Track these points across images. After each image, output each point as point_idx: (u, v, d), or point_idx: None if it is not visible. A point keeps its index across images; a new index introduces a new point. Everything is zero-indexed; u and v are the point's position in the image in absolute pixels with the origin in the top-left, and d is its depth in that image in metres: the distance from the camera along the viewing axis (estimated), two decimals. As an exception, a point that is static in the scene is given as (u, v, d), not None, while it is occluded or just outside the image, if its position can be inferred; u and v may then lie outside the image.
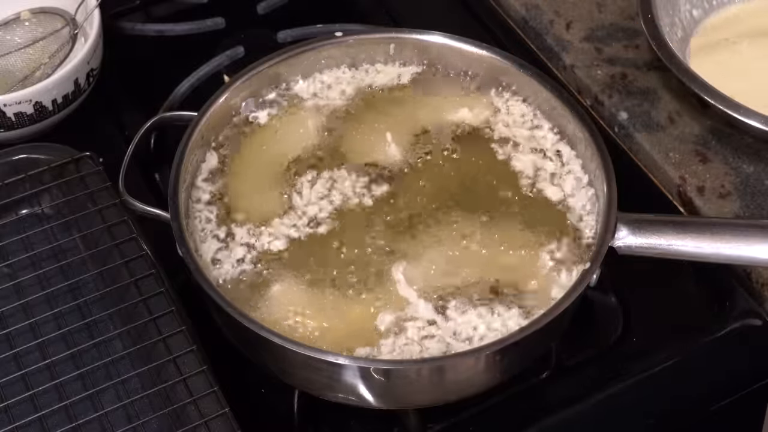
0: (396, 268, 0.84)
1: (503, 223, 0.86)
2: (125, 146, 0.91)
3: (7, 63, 1.03)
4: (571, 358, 0.88)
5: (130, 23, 1.13)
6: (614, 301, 0.91)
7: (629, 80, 1.05)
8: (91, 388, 0.79)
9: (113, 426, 0.77)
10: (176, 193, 0.84)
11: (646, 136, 1.00)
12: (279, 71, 0.95)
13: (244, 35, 1.12)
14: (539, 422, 0.84)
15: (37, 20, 1.05)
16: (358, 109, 0.95)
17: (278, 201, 0.89)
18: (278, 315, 0.81)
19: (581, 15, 1.11)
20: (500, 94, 0.95)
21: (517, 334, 0.77)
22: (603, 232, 0.82)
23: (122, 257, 0.85)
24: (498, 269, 0.84)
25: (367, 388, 0.78)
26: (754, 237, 0.82)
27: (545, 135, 0.92)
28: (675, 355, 0.87)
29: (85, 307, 0.84)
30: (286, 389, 0.85)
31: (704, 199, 0.95)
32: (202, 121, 0.90)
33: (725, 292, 0.92)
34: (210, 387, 0.77)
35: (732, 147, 0.99)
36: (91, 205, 0.88)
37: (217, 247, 0.85)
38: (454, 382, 0.80)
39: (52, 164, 0.90)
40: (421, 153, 0.92)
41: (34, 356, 0.81)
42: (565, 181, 0.89)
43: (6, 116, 0.96)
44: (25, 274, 0.85)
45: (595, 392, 0.85)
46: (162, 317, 0.81)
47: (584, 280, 0.80)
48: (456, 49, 0.96)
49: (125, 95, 1.09)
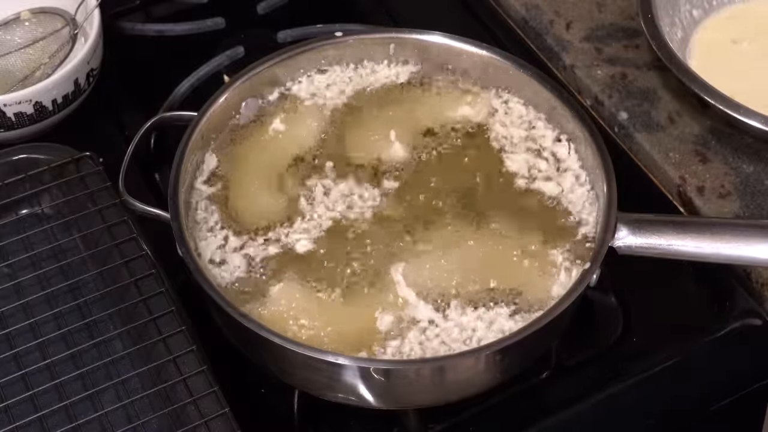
0: (395, 269, 0.84)
1: (503, 223, 0.86)
2: (125, 146, 0.91)
3: (7, 63, 1.03)
4: (571, 358, 0.88)
5: (130, 23, 1.13)
6: (614, 301, 0.91)
7: (629, 80, 1.05)
8: (91, 388, 0.79)
9: (113, 426, 0.77)
10: (176, 193, 0.84)
11: (646, 136, 1.00)
12: (279, 71, 0.95)
13: (244, 35, 1.12)
14: (539, 422, 0.84)
15: (37, 20, 1.05)
16: (357, 109, 0.95)
17: (278, 201, 0.89)
18: (278, 315, 0.81)
19: (581, 15, 1.11)
20: (500, 94, 0.95)
21: (517, 334, 0.77)
22: (603, 232, 0.82)
23: (122, 257, 0.85)
24: (498, 269, 0.84)
25: (367, 388, 0.78)
26: (754, 237, 0.82)
27: (545, 135, 0.92)
28: (675, 355, 0.87)
29: (85, 307, 0.84)
30: (286, 389, 0.85)
31: (704, 199, 0.95)
32: (202, 121, 0.90)
33: (725, 292, 0.92)
34: (210, 387, 0.77)
35: (732, 147, 0.99)
36: (91, 205, 0.88)
37: (217, 247, 0.85)
38: (454, 382, 0.80)
39: (52, 164, 0.90)
40: (420, 154, 0.92)
41: (34, 356, 0.81)
42: (564, 181, 0.89)
43: (6, 116, 0.96)
44: (25, 274, 0.85)
45: (595, 392, 0.85)
46: (162, 317, 0.81)
47: (584, 280, 0.80)
48: (456, 49, 0.96)
49: (125, 95, 1.09)
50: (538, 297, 0.82)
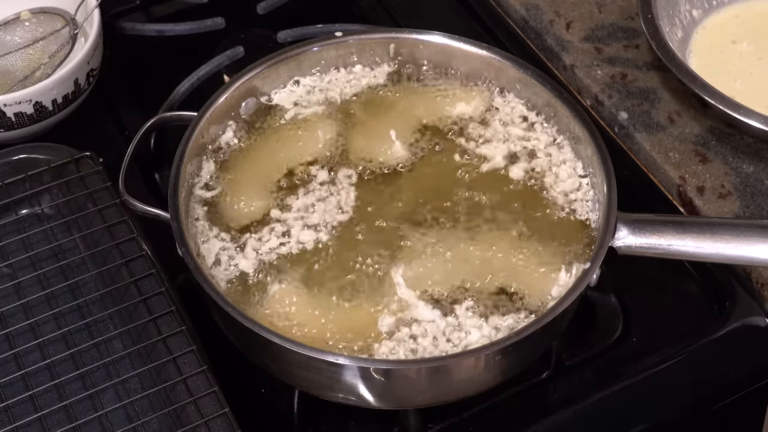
0: (396, 270, 0.84)
1: (503, 223, 0.86)
2: (125, 146, 0.91)
3: (7, 63, 1.03)
4: (571, 358, 0.88)
5: (130, 23, 1.13)
6: (614, 301, 0.91)
7: (629, 80, 1.05)
8: (91, 388, 0.79)
9: (113, 426, 0.77)
10: (176, 193, 0.84)
11: (646, 136, 1.00)
12: (279, 71, 0.95)
13: (244, 35, 1.13)
14: (539, 422, 0.84)
15: (37, 20, 1.05)
16: (358, 109, 0.95)
17: (279, 202, 0.89)
18: (278, 315, 0.81)
19: (581, 15, 1.11)
20: (500, 94, 0.95)
21: (517, 334, 0.77)
22: (603, 232, 0.82)
23: (122, 257, 0.85)
24: (497, 269, 0.84)
25: (367, 388, 0.78)
26: (754, 237, 0.82)
27: (544, 135, 0.92)
28: (675, 355, 0.87)
29: (85, 307, 0.84)
30: (286, 389, 0.85)
31: (704, 199, 0.95)
32: (202, 121, 0.90)
33: (725, 292, 0.91)
34: (210, 387, 0.77)
35: (732, 147, 0.99)
36: (91, 205, 0.88)
37: (218, 247, 0.85)
38: (454, 382, 0.80)
39: (52, 164, 0.90)
40: (420, 154, 0.92)
41: (34, 356, 0.81)
42: (564, 181, 0.89)
43: (6, 116, 0.96)
44: (25, 274, 0.86)
45: (595, 392, 0.85)
46: (162, 317, 0.81)
47: (584, 280, 0.80)
48: (456, 49, 0.96)
49: (125, 95, 1.09)
50: (538, 297, 0.82)
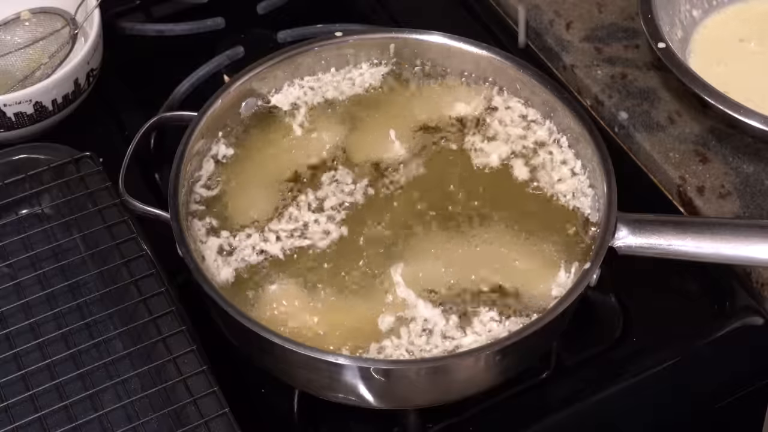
0: (395, 269, 0.84)
1: (502, 223, 0.86)
2: (125, 146, 0.91)
3: (7, 63, 1.03)
4: (571, 358, 0.88)
5: (130, 23, 1.13)
6: (614, 301, 0.91)
7: (629, 80, 1.05)
8: (91, 388, 0.79)
9: (113, 426, 0.77)
10: (176, 193, 0.84)
11: (646, 136, 1.00)
12: (279, 71, 0.95)
13: (244, 35, 1.12)
14: (539, 422, 0.84)
15: (37, 20, 1.05)
16: (357, 109, 0.95)
17: (279, 202, 0.89)
18: (278, 315, 0.81)
19: (581, 15, 1.11)
20: (500, 94, 0.95)
21: (517, 334, 0.77)
22: (603, 232, 0.82)
23: (122, 257, 0.85)
24: (497, 269, 0.84)
25: (367, 388, 0.78)
26: (754, 237, 0.82)
27: (544, 134, 0.92)
28: (675, 355, 0.87)
29: (85, 307, 0.84)
30: (286, 389, 0.85)
31: (704, 199, 0.95)
32: (202, 121, 0.90)
33: (725, 292, 0.92)
34: (210, 387, 0.77)
35: (732, 147, 0.99)
36: (91, 205, 0.88)
37: (218, 247, 0.85)
38: (454, 382, 0.80)
39: (52, 164, 0.90)
40: (420, 153, 0.92)
41: (34, 356, 0.81)
42: (564, 181, 0.89)
43: (6, 116, 0.96)
44: (25, 274, 0.86)
45: (595, 392, 0.85)
46: (162, 317, 0.81)
47: (584, 280, 0.80)
48: (456, 49, 0.96)
49: (125, 95, 1.09)
50: (538, 297, 0.82)
